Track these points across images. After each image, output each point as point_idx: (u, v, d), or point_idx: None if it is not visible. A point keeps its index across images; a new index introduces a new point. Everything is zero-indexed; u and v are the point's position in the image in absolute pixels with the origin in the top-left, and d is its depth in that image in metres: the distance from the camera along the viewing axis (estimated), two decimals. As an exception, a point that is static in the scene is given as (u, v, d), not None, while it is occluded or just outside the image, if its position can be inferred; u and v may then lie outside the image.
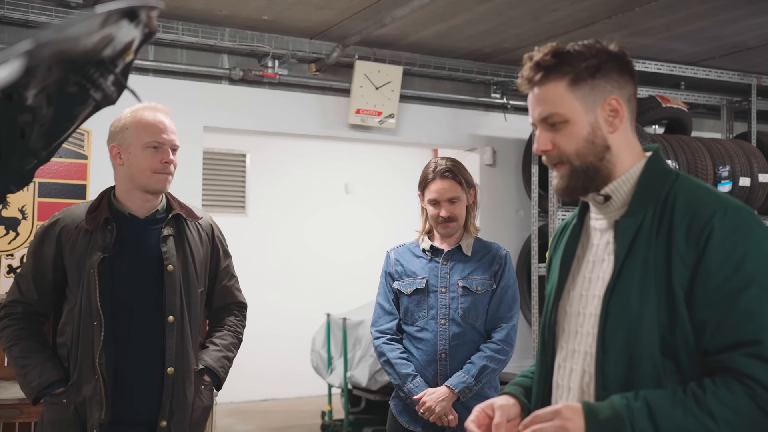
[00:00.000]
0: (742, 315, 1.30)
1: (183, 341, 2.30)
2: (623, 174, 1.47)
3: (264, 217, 7.92)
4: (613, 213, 1.49)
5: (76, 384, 2.22)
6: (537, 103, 1.49)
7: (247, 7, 4.38)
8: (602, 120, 1.46)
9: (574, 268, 1.56)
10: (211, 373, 2.41)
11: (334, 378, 5.97)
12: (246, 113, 5.00)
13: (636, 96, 1.52)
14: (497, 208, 5.76)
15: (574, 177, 1.48)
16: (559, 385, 1.53)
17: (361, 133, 5.33)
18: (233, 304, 2.58)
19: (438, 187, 2.78)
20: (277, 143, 7.65)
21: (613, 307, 1.41)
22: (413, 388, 2.73)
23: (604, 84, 1.45)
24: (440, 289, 2.78)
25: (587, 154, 1.46)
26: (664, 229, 1.39)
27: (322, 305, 6.92)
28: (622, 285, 1.40)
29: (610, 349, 1.40)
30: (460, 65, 5.42)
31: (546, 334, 1.58)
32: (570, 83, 1.45)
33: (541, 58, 1.46)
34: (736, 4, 4.22)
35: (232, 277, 2.58)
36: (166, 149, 2.29)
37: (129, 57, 1.32)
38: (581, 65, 1.44)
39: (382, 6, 4.29)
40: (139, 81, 4.66)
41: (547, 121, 1.47)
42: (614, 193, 1.48)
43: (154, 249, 2.30)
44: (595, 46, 1.47)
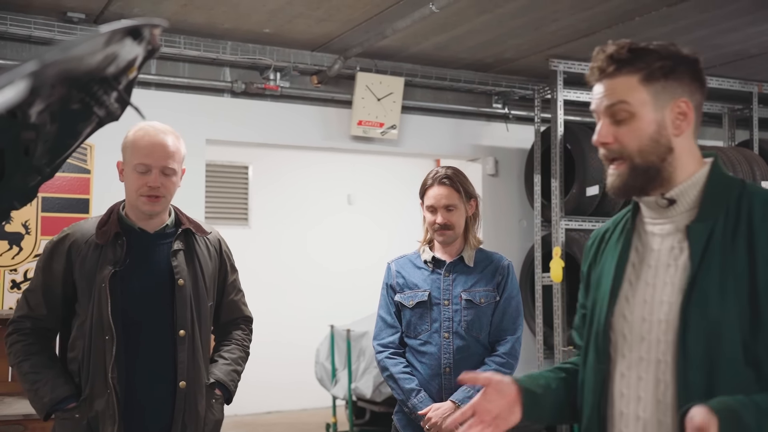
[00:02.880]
0: None
1: (194, 355, 2.32)
2: (688, 179, 1.46)
3: (267, 228, 7.92)
4: (678, 217, 1.46)
5: (89, 399, 2.22)
6: (605, 93, 1.47)
7: (248, 20, 4.39)
8: (670, 121, 1.44)
9: (629, 273, 1.52)
10: (222, 386, 2.42)
11: (339, 390, 5.95)
12: (248, 126, 5.01)
13: (702, 104, 1.50)
14: (500, 218, 5.76)
15: (633, 175, 1.45)
16: (624, 394, 1.49)
17: (364, 145, 5.33)
18: (240, 318, 2.60)
19: (435, 193, 2.76)
20: (280, 155, 7.65)
21: (692, 314, 1.37)
22: (417, 404, 2.70)
23: (676, 86, 1.44)
24: (443, 302, 2.76)
25: (650, 152, 1.44)
26: (743, 235, 1.37)
27: (325, 317, 6.90)
28: (700, 291, 1.38)
29: (692, 358, 1.36)
30: (461, 76, 5.43)
31: (601, 342, 1.53)
32: (642, 79, 1.43)
33: (616, 51, 1.45)
34: (737, 13, 4.23)
35: (239, 291, 2.61)
36: (154, 173, 2.27)
37: (132, 74, 1.33)
38: (656, 63, 1.43)
39: (383, 18, 4.30)
40: (141, 95, 4.68)
41: (614, 113, 1.45)
42: (680, 197, 1.46)
43: (164, 263, 2.31)
44: (670, 48, 1.46)
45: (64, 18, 4.24)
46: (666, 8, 4.14)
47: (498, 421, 1.52)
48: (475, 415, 1.51)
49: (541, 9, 4.18)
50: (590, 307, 1.61)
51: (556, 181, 5.05)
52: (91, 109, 1.31)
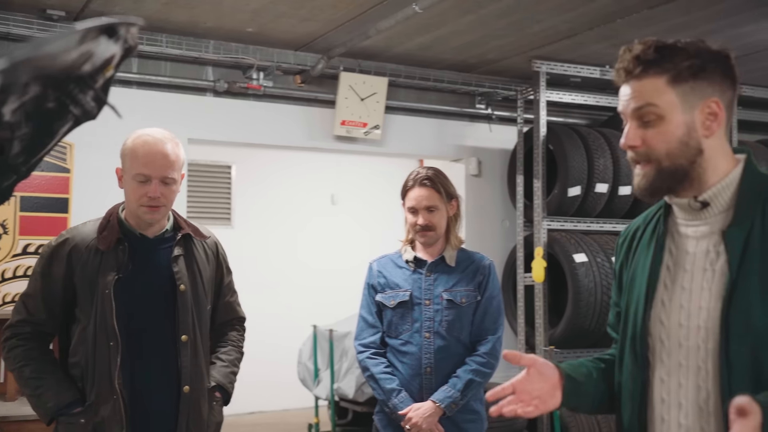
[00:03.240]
0: None
1: (197, 359, 2.34)
2: (721, 180, 1.41)
3: (250, 228, 7.89)
4: (712, 220, 1.43)
5: (94, 404, 2.22)
6: (632, 95, 1.43)
7: (231, 19, 4.37)
8: (699, 122, 1.40)
9: (664, 276, 1.48)
10: (221, 389, 2.45)
11: (321, 390, 5.93)
12: (231, 125, 4.99)
13: (735, 101, 1.46)
14: (483, 218, 5.77)
15: (659, 178, 1.42)
16: (665, 400, 1.46)
17: (347, 145, 5.33)
18: (235, 319, 2.65)
19: (416, 195, 2.77)
20: (263, 155, 7.63)
21: (734, 322, 1.34)
22: (398, 404, 2.71)
23: (705, 86, 1.39)
24: (424, 302, 2.77)
25: (679, 155, 1.40)
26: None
27: (308, 317, 6.88)
28: (741, 298, 1.34)
29: (735, 366, 1.33)
30: (444, 76, 5.44)
31: (639, 346, 1.50)
32: (670, 80, 1.39)
33: (642, 51, 1.41)
34: (717, 16, 4.27)
35: (234, 293, 2.65)
36: (153, 183, 2.26)
37: (109, 72, 1.32)
38: (684, 63, 1.39)
39: (366, 18, 4.30)
40: (122, 93, 4.65)
41: (641, 115, 1.42)
42: (713, 199, 1.42)
43: (165, 269, 2.32)
44: (699, 45, 1.41)
45: (44, 15, 4.21)
46: (647, 10, 4.17)
47: (537, 402, 1.49)
48: (515, 393, 1.48)
49: (524, 10, 4.20)
50: (624, 308, 1.58)
51: (539, 182, 5.07)
52: (67, 108, 1.30)
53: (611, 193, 5.28)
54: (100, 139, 4.54)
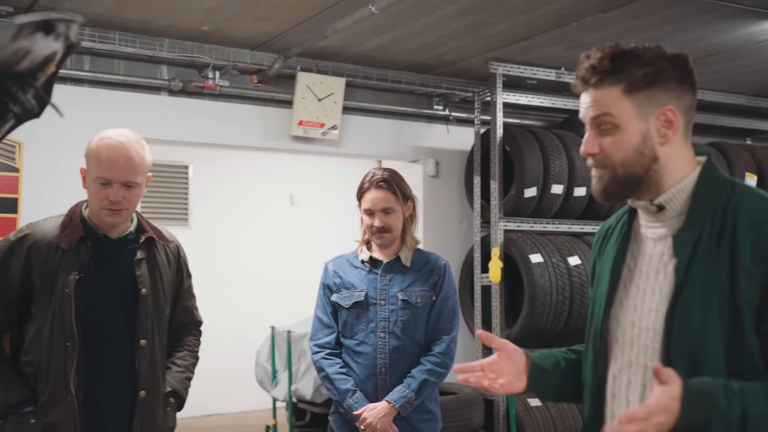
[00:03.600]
0: None
1: (154, 364, 2.31)
2: (677, 183, 1.43)
3: (207, 229, 7.81)
4: (668, 222, 1.45)
5: (46, 404, 2.17)
6: (590, 104, 1.44)
7: (185, 17, 4.32)
8: (654, 130, 1.41)
9: (625, 276, 1.52)
10: (176, 394, 2.42)
11: (279, 391, 5.90)
12: (186, 125, 4.93)
13: (694, 104, 1.46)
14: (440, 219, 5.80)
15: (614, 184, 1.45)
16: (616, 395, 1.50)
17: (304, 145, 5.31)
18: (192, 323, 2.63)
19: (372, 197, 2.77)
20: (222, 155, 7.56)
21: (677, 324, 1.37)
22: (353, 404, 2.70)
23: (660, 94, 1.40)
24: (379, 302, 2.77)
25: (634, 164, 1.42)
26: (727, 244, 1.35)
27: (266, 318, 6.84)
28: (684, 302, 1.37)
29: (675, 366, 1.34)
30: (402, 77, 5.45)
31: (598, 342, 1.54)
32: (625, 89, 1.40)
33: (598, 61, 1.42)
34: (667, 21, 4.35)
35: (192, 297, 2.62)
36: (115, 187, 2.22)
37: (51, 69, 1.29)
38: (638, 72, 1.39)
39: (323, 18, 4.29)
40: (74, 92, 4.57)
41: (598, 124, 1.44)
42: (668, 203, 1.44)
43: (127, 271, 2.29)
44: (655, 52, 1.42)
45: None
46: (600, 14, 4.24)
47: (503, 384, 1.55)
48: (483, 371, 1.55)
49: (480, 12, 4.23)
50: (590, 305, 1.62)
51: (495, 183, 5.11)
52: (6, 107, 1.27)
53: (566, 195, 5.35)
54: (50, 138, 4.46)
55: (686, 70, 1.44)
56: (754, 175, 5.90)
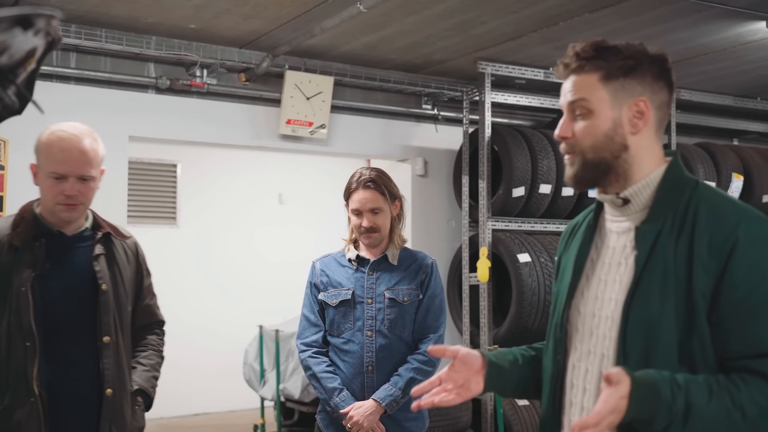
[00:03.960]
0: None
1: (119, 362, 2.26)
2: (644, 178, 1.48)
3: (196, 228, 7.78)
4: (632, 217, 1.50)
5: (9, 407, 2.11)
6: (569, 89, 1.50)
7: (172, 15, 4.30)
8: (626, 119, 1.46)
9: (588, 268, 1.56)
10: (143, 393, 2.38)
11: (267, 391, 5.89)
12: (174, 123, 4.91)
13: (669, 103, 1.52)
14: (429, 218, 5.80)
15: (584, 168, 1.50)
16: (574, 384, 1.54)
17: (292, 144, 5.29)
18: (154, 323, 2.56)
19: (360, 197, 2.77)
20: (210, 153, 7.53)
21: (633, 313, 1.42)
22: (340, 402, 2.70)
23: (635, 85, 1.46)
24: (366, 300, 2.76)
25: (603, 149, 1.47)
26: (685, 238, 1.40)
27: (255, 317, 6.82)
28: (642, 291, 1.42)
29: (630, 354, 1.41)
30: (391, 76, 5.45)
31: (558, 333, 1.58)
32: (603, 77, 1.46)
33: (582, 49, 1.48)
34: (654, 21, 4.37)
35: (153, 295, 2.56)
36: (70, 181, 2.18)
37: (31, 66, 1.28)
38: (617, 62, 1.46)
39: (311, 16, 4.28)
40: (60, 89, 4.54)
41: (574, 108, 1.49)
42: (634, 197, 1.49)
43: (86, 268, 2.24)
44: (636, 47, 1.48)
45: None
46: (588, 14, 4.25)
47: (461, 390, 1.57)
48: (441, 384, 1.56)
49: (468, 11, 4.23)
50: (553, 298, 1.67)
51: (484, 182, 5.12)
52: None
53: (554, 194, 5.36)
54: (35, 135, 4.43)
55: (664, 68, 1.49)
56: (741, 176, 5.94)
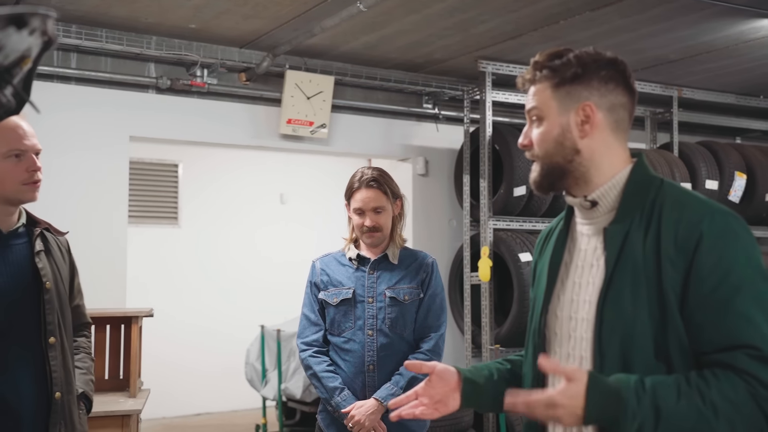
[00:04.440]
0: (737, 319, 1.34)
1: (65, 363, 2.17)
2: (609, 180, 1.51)
3: (197, 228, 7.78)
4: (600, 219, 1.53)
5: None
6: (528, 98, 1.56)
7: (173, 15, 4.30)
8: (574, 124, 1.50)
9: (562, 272, 1.59)
10: (85, 397, 2.30)
11: (269, 390, 5.89)
12: (174, 123, 4.91)
13: (628, 105, 1.54)
14: (430, 217, 5.79)
15: (542, 174, 1.55)
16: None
17: (293, 143, 5.29)
18: (83, 324, 2.47)
19: (363, 197, 2.77)
20: (212, 153, 7.53)
21: (607, 312, 1.44)
22: (341, 402, 2.70)
23: (581, 90, 1.50)
24: (367, 299, 2.76)
25: (554, 154, 1.52)
26: (652, 235, 1.42)
27: (256, 317, 6.83)
28: (614, 291, 1.44)
29: (606, 354, 1.42)
30: (391, 75, 5.44)
31: (536, 338, 1.60)
32: (553, 85, 1.51)
33: (537, 60, 1.55)
34: (656, 19, 4.36)
35: (82, 296, 2.46)
36: (29, 156, 2.13)
37: (27, 65, 1.27)
38: (566, 70, 1.51)
39: (311, 16, 4.27)
40: (61, 89, 4.54)
41: (530, 117, 1.56)
42: (601, 199, 1.52)
43: (25, 265, 2.13)
44: (586, 54, 1.52)
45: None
46: (589, 12, 4.24)
47: (438, 405, 1.61)
48: (418, 398, 1.61)
49: (468, 10, 4.22)
50: (531, 304, 1.68)
51: (485, 182, 5.11)
52: None
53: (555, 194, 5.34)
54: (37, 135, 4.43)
55: (616, 70, 1.52)
56: (744, 174, 5.92)
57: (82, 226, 4.53)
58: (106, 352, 4.01)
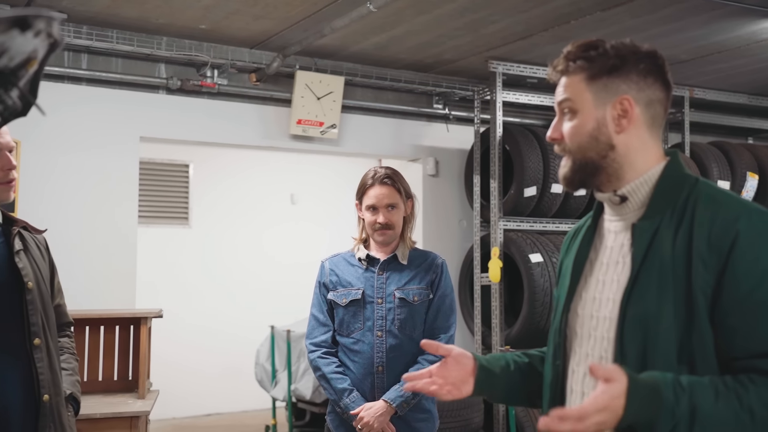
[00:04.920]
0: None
1: (52, 364, 2.12)
2: (641, 176, 1.46)
3: (208, 228, 7.79)
4: (630, 215, 1.47)
5: None
6: (559, 90, 1.51)
7: (183, 15, 4.31)
8: (610, 118, 1.45)
9: (586, 270, 1.54)
10: (72, 398, 2.26)
11: (278, 391, 5.89)
12: (184, 123, 4.92)
13: (664, 101, 1.48)
14: (440, 218, 5.78)
15: (573, 169, 1.49)
16: (573, 390, 1.50)
17: (303, 144, 5.29)
18: (65, 324, 2.42)
19: (377, 193, 2.76)
20: (223, 153, 7.55)
21: (630, 311, 1.38)
22: (350, 403, 2.69)
23: (619, 83, 1.44)
24: (376, 300, 2.76)
25: (588, 149, 1.46)
26: (684, 233, 1.36)
27: (267, 317, 6.83)
28: (640, 289, 1.38)
29: (628, 354, 1.37)
30: (401, 76, 5.43)
31: (557, 338, 1.55)
32: (588, 77, 1.45)
33: (569, 51, 1.49)
34: (666, 20, 4.33)
35: (62, 294, 2.40)
36: (4, 154, 2.07)
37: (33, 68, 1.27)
38: (602, 62, 1.45)
39: (321, 16, 4.27)
40: (72, 90, 4.56)
41: (562, 109, 1.49)
42: (631, 194, 1.46)
43: (4, 265, 2.07)
44: (623, 46, 1.47)
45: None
46: (600, 12, 4.22)
47: (450, 387, 1.57)
48: (431, 377, 1.58)
49: (479, 11, 4.21)
50: (555, 301, 1.64)
51: (495, 182, 5.09)
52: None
53: (566, 194, 5.33)
54: (48, 136, 4.46)
55: (655, 64, 1.46)
56: (756, 175, 5.88)
57: (92, 226, 4.55)
58: (115, 353, 4.02)
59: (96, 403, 3.58)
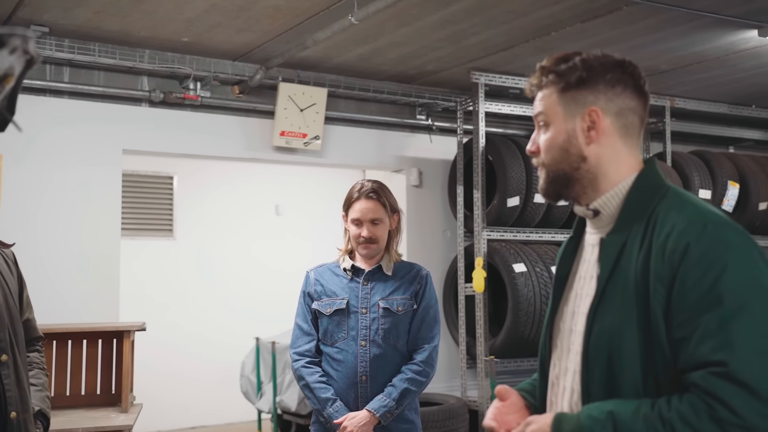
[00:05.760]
0: (712, 334, 1.24)
1: (19, 381, 2.08)
2: (614, 187, 1.45)
3: (193, 240, 7.76)
4: (603, 228, 1.47)
5: None
6: (535, 103, 1.52)
7: (165, 28, 4.31)
8: (580, 130, 1.45)
9: (568, 283, 1.54)
10: (42, 415, 2.22)
11: (264, 403, 5.87)
12: (167, 136, 4.91)
13: (638, 109, 1.47)
14: (424, 228, 5.80)
15: (547, 181, 1.50)
16: (553, 403, 1.51)
17: (287, 155, 5.29)
18: (35, 339, 2.39)
19: (361, 207, 2.77)
20: (207, 165, 7.52)
21: (596, 327, 1.38)
22: (333, 413, 2.69)
23: (587, 95, 1.44)
24: (361, 310, 2.77)
25: (559, 161, 1.46)
26: (645, 246, 1.36)
27: (252, 329, 6.81)
28: (604, 305, 1.38)
29: (594, 369, 1.38)
30: (384, 87, 5.46)
31: (543, 351, 1.56)
32: (559, 91, 1.46)
33: (543, 65, 1.50)
34: (646, 30, 4.38)
35: (32, 309, 2.38)
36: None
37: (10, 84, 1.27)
38: (572, 74, 1.45)
39: (303, 29, 4.29)
40: (54, 103, 4.55)
41: (537, 123, 1.51)
42: (603, 207, 1.46)
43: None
44: (593, 57, 1.47)
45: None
46: (580, 24, 4.26)
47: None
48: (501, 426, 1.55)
49: (460, 23, 4.24)
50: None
51: (478, 192, 5.12)
52: None
53: (549, 204, 5.34)
54: (30, 150, 4.43)
55: (624, 73, 1.45)
56: (737, 184, 5.94)
57: (75, 239, 4.53)
58: (98, 367, 3.99)
59: (79, 418, 3.56)
